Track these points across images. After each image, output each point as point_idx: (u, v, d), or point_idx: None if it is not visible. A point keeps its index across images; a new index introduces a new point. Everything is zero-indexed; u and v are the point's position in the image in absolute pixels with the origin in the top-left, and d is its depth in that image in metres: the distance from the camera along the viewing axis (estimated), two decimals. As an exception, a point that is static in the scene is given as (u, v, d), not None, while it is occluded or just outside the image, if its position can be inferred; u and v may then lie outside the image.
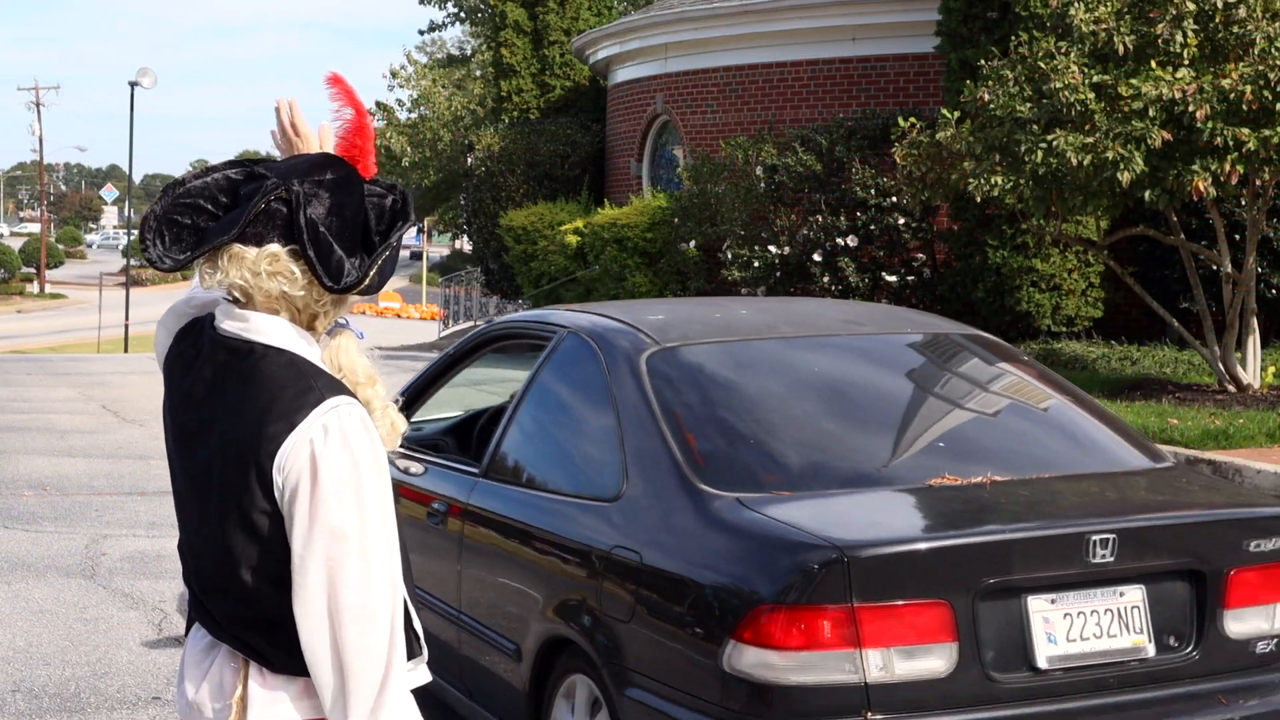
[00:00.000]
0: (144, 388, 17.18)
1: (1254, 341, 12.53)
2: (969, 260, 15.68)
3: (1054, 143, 10.99)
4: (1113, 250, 14.60)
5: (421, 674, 2.60)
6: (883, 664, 3.57)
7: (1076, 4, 11.63)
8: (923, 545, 3.67)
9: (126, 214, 67.86)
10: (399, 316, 46.80)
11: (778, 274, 17.33)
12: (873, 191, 16.72)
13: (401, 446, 4.88)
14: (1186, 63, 11.08)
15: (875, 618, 3.55)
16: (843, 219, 16.88)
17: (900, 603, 3.57)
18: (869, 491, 4.04)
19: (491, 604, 4.66)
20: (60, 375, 19.06)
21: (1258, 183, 11.92)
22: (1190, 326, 14.01)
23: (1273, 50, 10.80)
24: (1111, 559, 3.75)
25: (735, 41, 20.09)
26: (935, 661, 3.61)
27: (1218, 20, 11.07)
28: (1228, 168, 10.65)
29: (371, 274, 2.43)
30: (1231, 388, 12.39)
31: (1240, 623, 3.97)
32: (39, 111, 77.48)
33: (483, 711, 4.79)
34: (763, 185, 17.57)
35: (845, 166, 17.05)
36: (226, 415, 2.45)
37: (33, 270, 74.50)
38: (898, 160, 12.96)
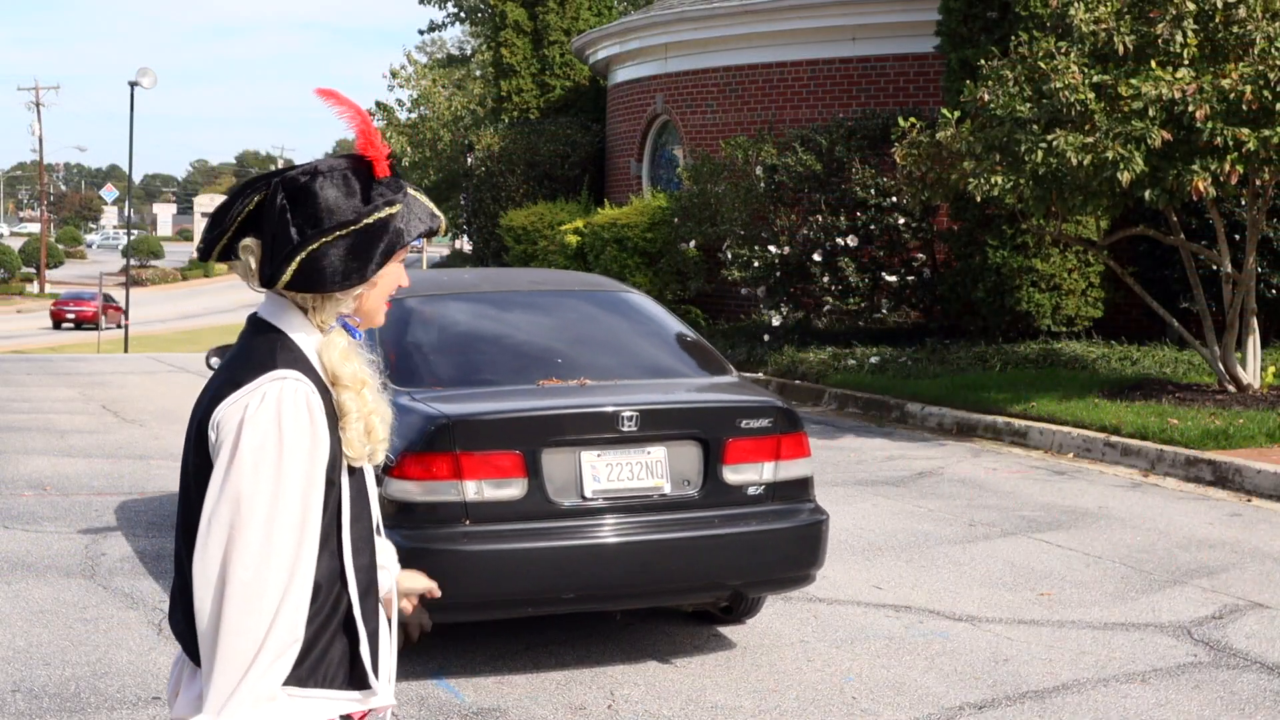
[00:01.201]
0: (144, 388, 17.17)
1: (1254, 341, 12.53)
2: (969, 260, 15.67)
3: (1054, 143, 10.99)
4: (1113, 250, 14.59)
5: (381, 698, 2.51)
6: (477, 490, 5.66)
7: (1076, 4, 11.63)
8: (503, 416, 5.85)
9: (126, 214, 67.80)
10: (399, 316, 46.83)
11: (778, 274, 17.31)
12: (873, 191, 16.71)
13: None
14: (1186, 63, 11.07)
15: (471, 461, 5.66)
16: (843, 219, 16.86)
17: (488, 452, 5.68)
18: (494, 388, 6.21)
19: None
20: (60, 375, 19.06)
21: (1258, 183, 11.92)
22: (1190, 326, 14.00)
23: (1273, 50, 10.80)
24: (636, 429, 5.81)
25: (735, 41, 20.08)
26: (512, 490, 5.72)
27: (1218, 20, 11.06)
28: (1228, 168, 10.65)
29: (288, 270, 2.40)
30: (1231, 388, 12.38)
31: (736, 474, 5.99)
32: (39, 111, 77.48)
33: None
34: (763, 185, 17.55)
35: (845, 166, 17.04)
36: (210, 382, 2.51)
37: (33, 270, 74.51)
38: (898, 160, 12.96)
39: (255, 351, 2.43)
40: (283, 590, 2.31)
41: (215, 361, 9.75)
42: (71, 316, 54.87)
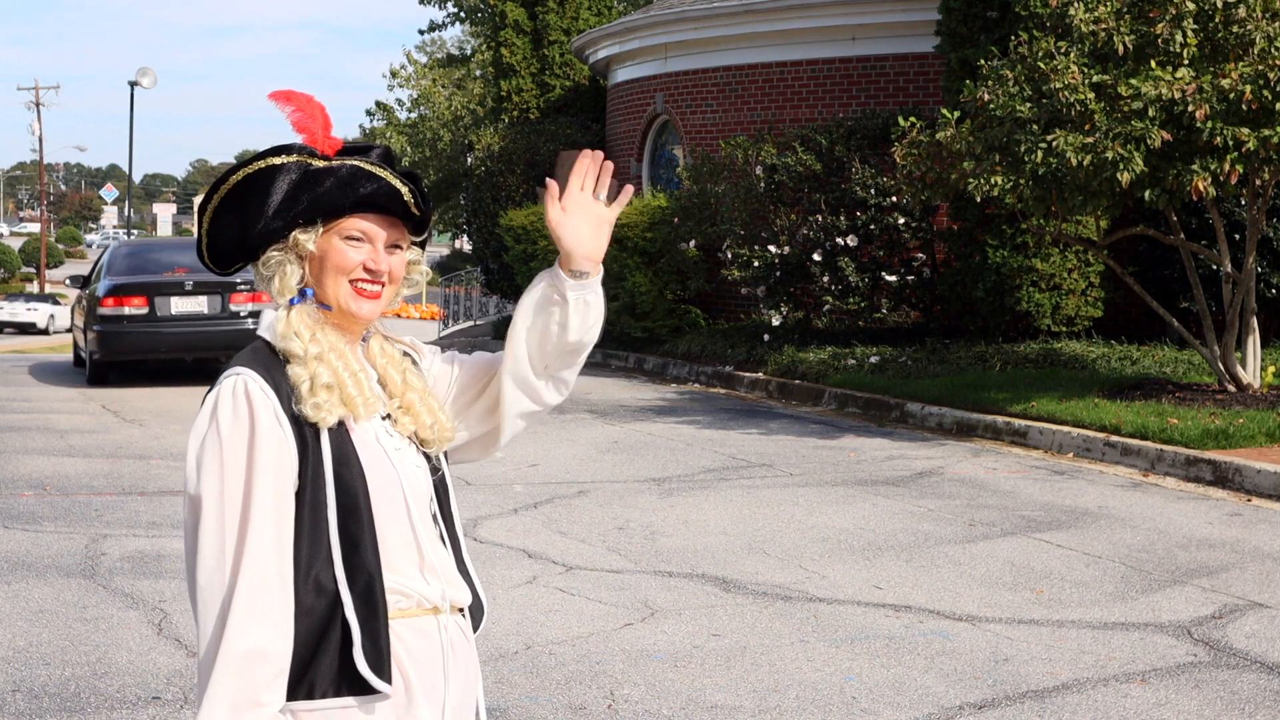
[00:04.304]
0: (143, 387, 17.18)
1: (1254, 341, 12.53)
2: (969, 260, 15.67)
3: (1054, 143, 10.99)
4: (1113, 250, 14.59)
5: (403, 699, 2.38)
6: (130, 310, 16.84)
7: (1076, 4, 11.63)
8: (137, 282, 17.17)
9: (126, 214, 67.77)
10: (399, 316, 46.78)
11: (778, 274, 17.31)
12: (873, 191, 16.71)
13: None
14: (1186, 62, 11.07)
15: (126, 299, 16.68)
16: (843, 219, 16.86)
17: (132, 296, 16.78)
18: (143, 275, 17.28)
19: (88, 316, 17.33)
20: (60, 374, 19.06)
21: (1257, 182, 11.92)
22: (1190, 326, 14.01)
23: (1272, 50, 10.80)
24: (193, 289, 16.87)
25: (735, 41, 20.08)
26: (143, 311, 16.82)
27: (1217, 20, 11.06)
28: (1227, 167, 10.65)
29: (203, 245, 2.50)
30: (1231, 387, 12.38)
31: (237, 308, 16.78)
32: (39, 111, 77.40)
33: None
34: (763, 185, 17.55)
35: (845, 166, 17.03)
36: None
37: (33, 270, 74.44)
38: (898, 160, 12.95)
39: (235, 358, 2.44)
40: (228, 593, 2.24)
41: (68, 281, 18.52)
42: None
